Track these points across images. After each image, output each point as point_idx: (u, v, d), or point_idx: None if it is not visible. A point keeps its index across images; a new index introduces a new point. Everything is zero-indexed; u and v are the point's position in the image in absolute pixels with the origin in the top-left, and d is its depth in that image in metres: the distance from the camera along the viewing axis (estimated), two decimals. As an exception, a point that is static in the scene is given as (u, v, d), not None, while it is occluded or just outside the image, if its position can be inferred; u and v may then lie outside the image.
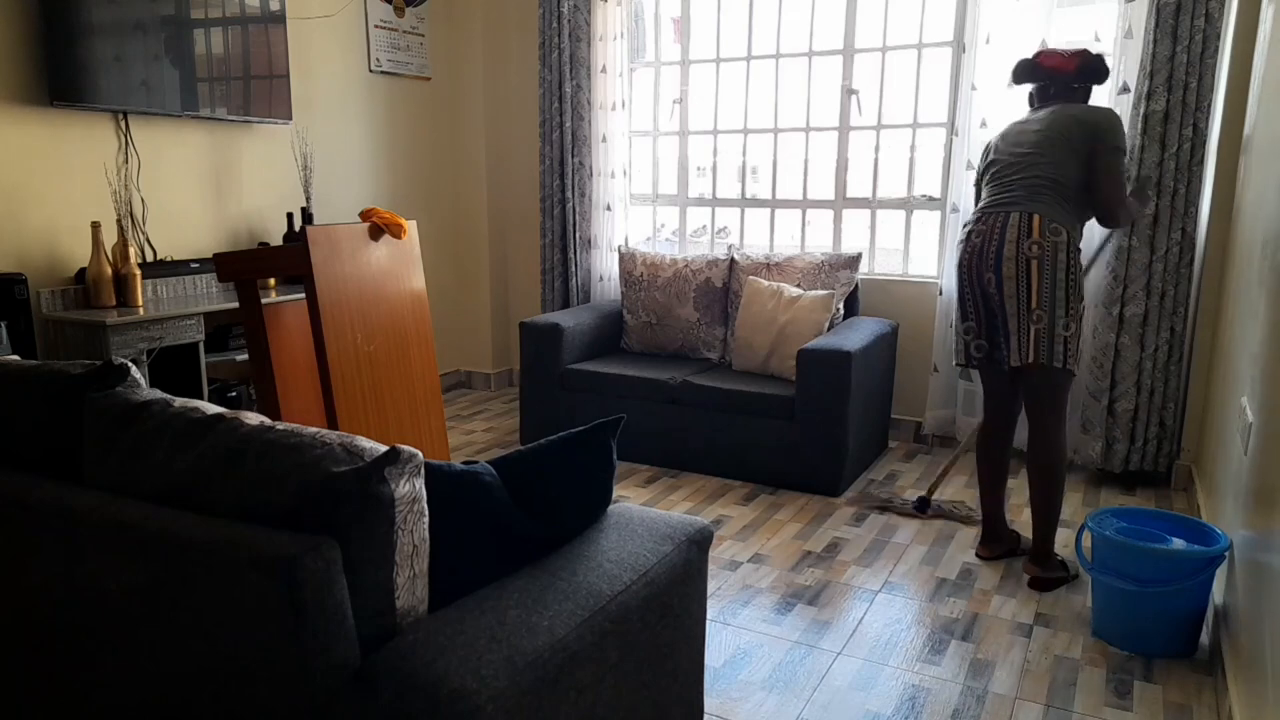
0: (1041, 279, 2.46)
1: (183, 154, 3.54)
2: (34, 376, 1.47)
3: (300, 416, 2.84)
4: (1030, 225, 2.49)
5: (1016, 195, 2.55)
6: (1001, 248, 2.52)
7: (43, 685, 1.34)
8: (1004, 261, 2.51)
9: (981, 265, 2.57)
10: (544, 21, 4.42)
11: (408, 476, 1.14)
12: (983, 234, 2.57)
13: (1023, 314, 2.50)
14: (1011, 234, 2.50)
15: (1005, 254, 2.51)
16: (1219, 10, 3.14)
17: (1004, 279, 2.52)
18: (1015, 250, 2.49)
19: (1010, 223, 2.51)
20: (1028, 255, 2.47)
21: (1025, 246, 2.48)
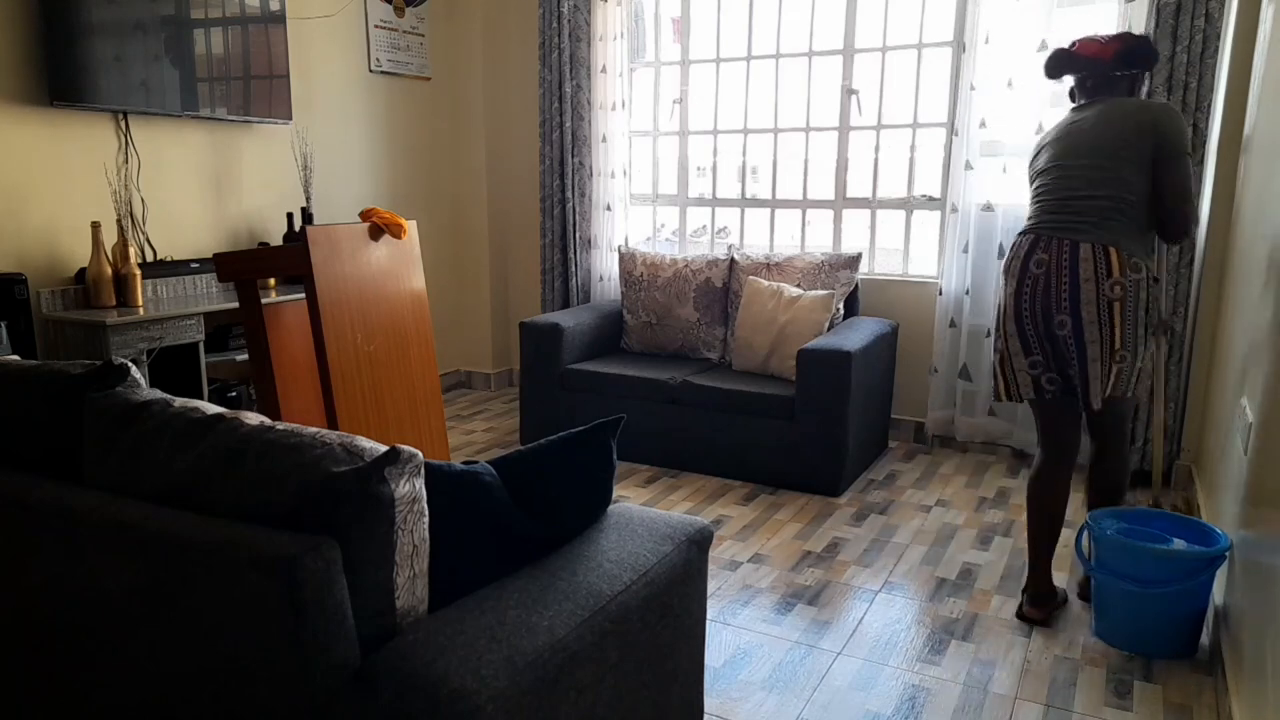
0: (1124, 321, 2.22)
1: (183, 154, 3.54)
2: (34, 376, 1.47)
3: (300, 416, 2.84)
4: (1109, 262, 2.21)
5: (1085, 221, 2.27)
6: (1077, 289, 2.23)
7: (43, 685, 1.34)
8: (1083, 306, 2.23)
9: (1051, 305, 2.29)
10: (544, 21, 4.42)
11: (408, 476, 1.14)
12: (1046, 265, 2.28)
13: (1105, 356, 2.26)
14: (1087, 270, 2.22)
15: (1084, 297, 2.23)
16: (1219, 10, 3.14)
17: (1084, 324, 2.25)
18: (1095, 293, 2.22)
19: (1082, 256, 2.23)
20: (1109, 298, 2.21)
21: (1106, 288, 2.21)
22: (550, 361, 3.87)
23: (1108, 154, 2.28)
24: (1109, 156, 2.27)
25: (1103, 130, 2.30)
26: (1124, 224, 2.24)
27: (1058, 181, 2.35)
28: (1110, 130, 2.29)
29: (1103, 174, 2.27)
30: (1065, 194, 2.32)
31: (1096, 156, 2.29)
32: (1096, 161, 2.29)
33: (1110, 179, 2.26)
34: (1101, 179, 2.27)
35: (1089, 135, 2.32)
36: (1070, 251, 2.25)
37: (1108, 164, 2.27)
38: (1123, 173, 2.25)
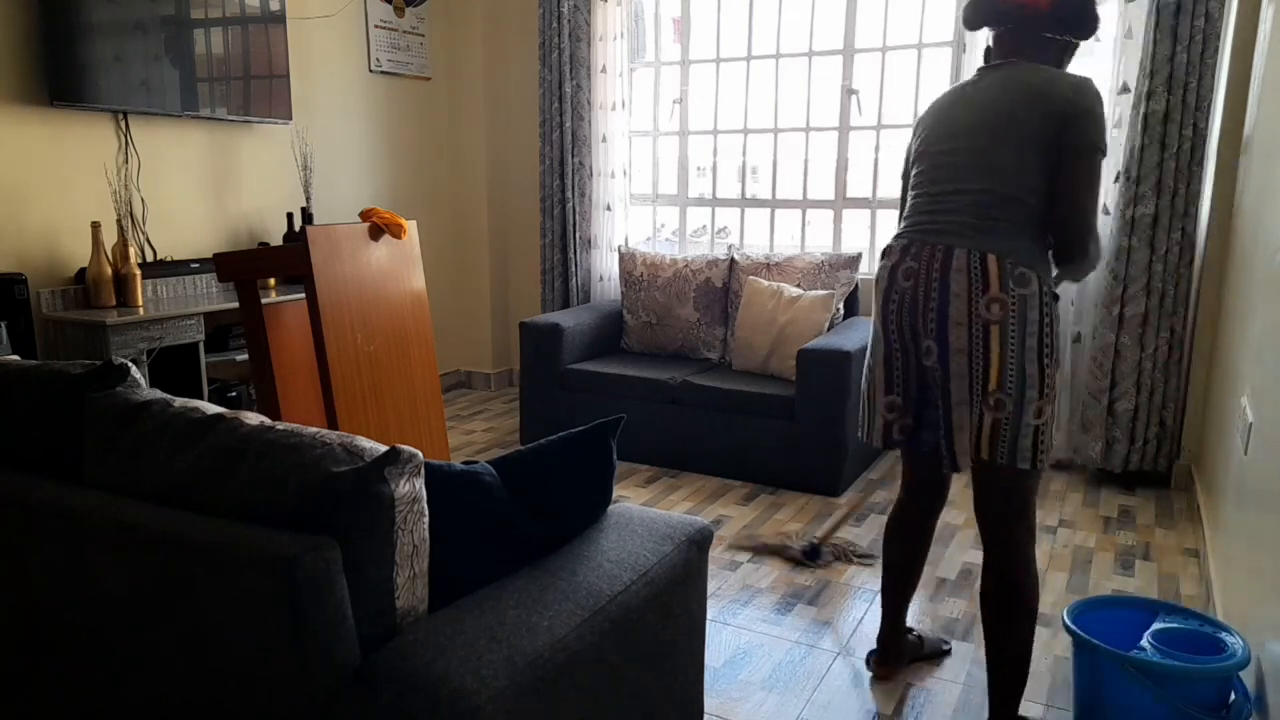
0: (1005, 350, 1.71)
1: (183, 154, 3.54)
2: (34, 376, 1.47)
3: (300, 416, 2.84)
4: (985, 273, 1.72)
5: (959, 220, 1.77)
6: (945, 305, 1.75)
7: (43, 685, 1.34)
8: (951, 326, 1.75)
9: (917, 324, 1.81)
10: (544, 21, 4.42)
11: (408, 476, 1.14)
12: (915, 276, 1.80)
13: (976, 399, 1.75)
14: (959, 283, 1.73)
15: (953, 316, 1.74)
16: (1219, 10, 3.14)
17: (952, 352, 1.75)
18: (967, 311, 1.73)
19: (955, 265, 1.74)
20: (985, 318, 1.71)
21: (981, 306, 1.71)
22: (550, 361, 3.87)
23: (993, 133, 1.76)
24: (995, 136, 1.76)
25: (993, 102, 1.78)
26: (1010, 226, 1.74)
27: (933, 170, 1.85)
28: (1003, 102, 1.76)
29: (986, 159, 1.77)
30: (940, 187, 1.82)
31: (978, 138, 1.78)
32: (977, 144, 1.78)
33: (994, 166, 1.76)
34: (984, 166, 1.77)
35: (975, 110, 1.80)
36: (942, 260, 1.75)
37: (992, 147, 1.76)
38: (1012, 158, 1.75)
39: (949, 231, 1.78)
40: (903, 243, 1.85)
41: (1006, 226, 1.74)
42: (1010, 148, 1.75)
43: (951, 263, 1.75)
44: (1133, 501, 3.35)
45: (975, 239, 1.75)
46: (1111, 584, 2.65)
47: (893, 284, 1.85)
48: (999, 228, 1.75)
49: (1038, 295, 1.72)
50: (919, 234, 1.82)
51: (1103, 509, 3.27)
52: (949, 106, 1.88)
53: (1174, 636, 1.84)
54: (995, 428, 1.74)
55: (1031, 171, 1.74)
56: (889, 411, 1.92)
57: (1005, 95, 1.77)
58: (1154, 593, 2.60)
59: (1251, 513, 2.01)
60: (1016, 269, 1.71)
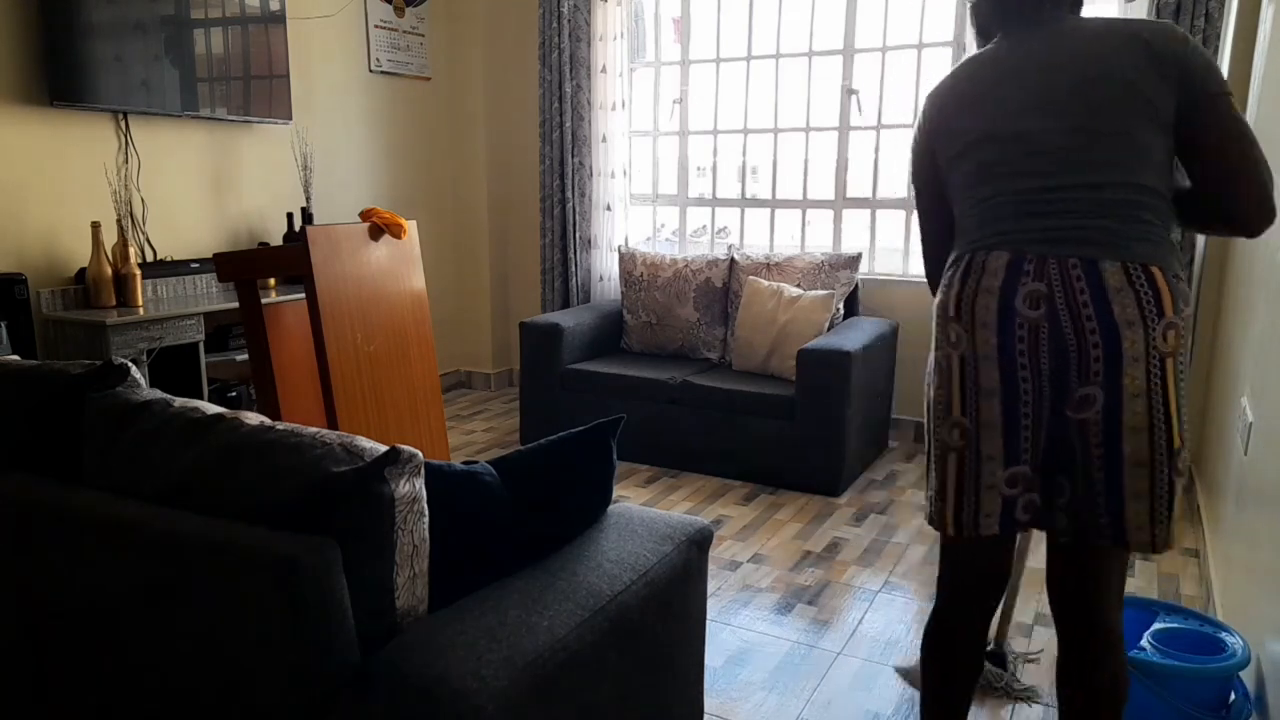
0: (1179, 392, 1.36)
1: (183, 154, 3.54)
2: (34, 376, 1.47)
3: (300, 416, 2.84)
4: (1157, 292, 1.33)
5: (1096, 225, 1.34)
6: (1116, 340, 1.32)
7: (43, 685, 1.34)
8: (1127, 365, 1.32)
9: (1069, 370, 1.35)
10: (544, 21, 4.42)
11: (408, 476, 1.14)
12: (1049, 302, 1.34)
13: (1161, 458, 1.36)
14: (1127, 309, 1.32)
15: (1127, 351, 1.32)
16: (1219, 10, 3.14)
17: (1126, 398, 1.33)
18: (1145, 345, 1.32)
19: (1112, 284, 1.33)
20: (1162, 351, 1.33)
21: (1158, 335, 1.33)
22: (550, 361, 3.87)
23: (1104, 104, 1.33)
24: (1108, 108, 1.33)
25: (1082, 66, 1.35)
26: (1160, 226, 1.36)
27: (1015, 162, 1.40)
28: (1095, 63, 1.34)
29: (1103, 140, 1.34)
30: (1040, 182, 1.38)
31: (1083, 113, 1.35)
32: (1082, 123, 1.35)
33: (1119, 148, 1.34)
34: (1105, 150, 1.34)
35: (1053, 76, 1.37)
36: (1087, 277, 1.32)
37: (1107, 122, 1.34)
38: (1136, 134, 1.33)
39: (1085, 240, 1.33)
40: (1005, 257, 1.37)
41: (1157, 228, 1.35)
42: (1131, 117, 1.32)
43: (1103, 280, 1.31)
44: (1133, 501, 3.34)
45: (1127, 247, 1.33)
46: (1111, 584, 2.65)
47: (1009, 315, 1.35)
48: (1150, 230, 1.35)
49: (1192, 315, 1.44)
50: (1029, 244, 1.36)
51: (1103, 509, 3.26)
52: (993, 83, 1.42)
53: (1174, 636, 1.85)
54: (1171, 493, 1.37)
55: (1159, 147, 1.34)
56: (1011, 486, 1.41)
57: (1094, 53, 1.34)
58: (1154, 593, 2.60)
59: (1251, 513, 2.01)
60: (1180, 283, 1.36)
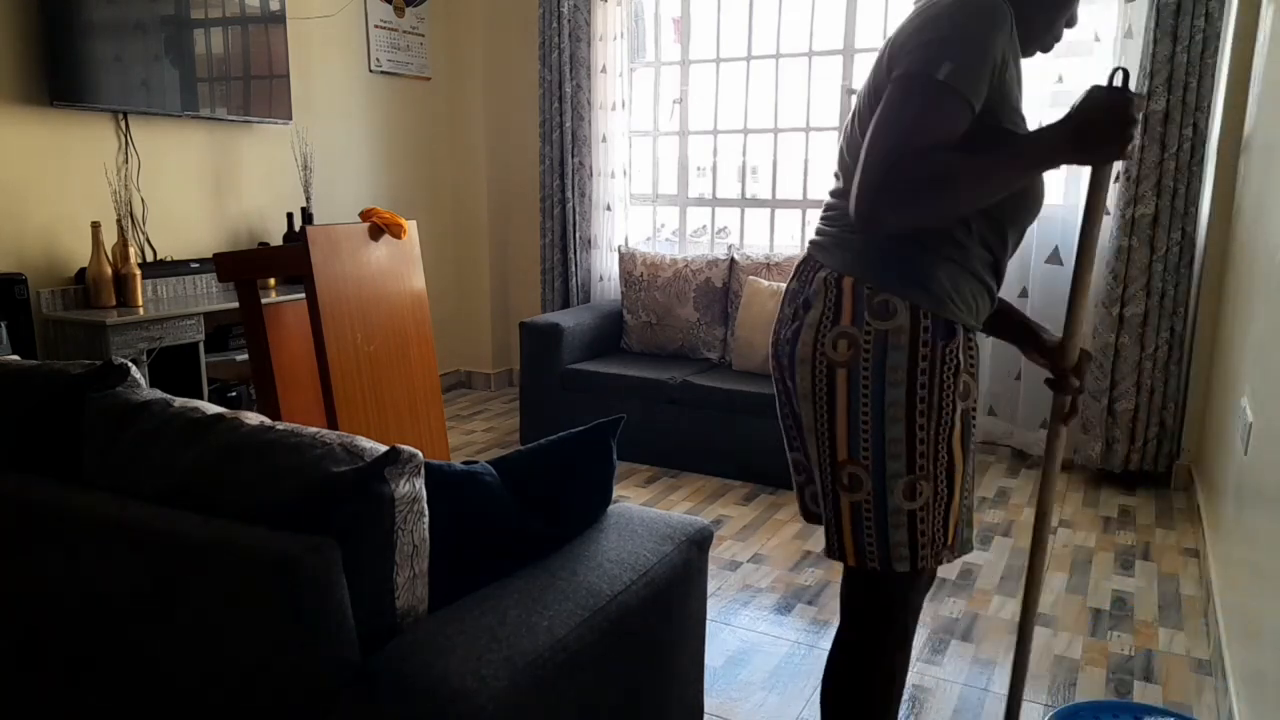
0: (852, 407, 1.28)
1: (183, 154, 3.54)
2: (34, 376, 1.47)
3: (300, 416, 2.84)
4: (839, 299, 1.30)
5: (831, 230, 1.37)
6: (797, 338, 1.34)
7: (43, 686, 1.34)
8: (797, 365, 1.33)
9: (778, 359, 1.42)
10: (544, 21, 4.42)
11: (408, 476, 1.14)
12: (794, 300, 1.40)
13: (826, 468, 1.33)
14: (814, 315, 1.32)
15: (799, 353, 1.33)
16: (1219, 10, 3.14)
17: (799, 397, 1.35)
18: (812, 349, 1.31)
19: (815, 289, 1.33)
20: (830, 359, 1.29)
21: (826, 343, 1.30)
22: (550, 361, 3.87)
23: (862, 116, 1.29)
24: (861, 120, 1.29)
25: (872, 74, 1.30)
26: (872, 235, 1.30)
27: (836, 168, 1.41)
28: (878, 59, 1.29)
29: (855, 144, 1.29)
30: (832, 188, 1.42)
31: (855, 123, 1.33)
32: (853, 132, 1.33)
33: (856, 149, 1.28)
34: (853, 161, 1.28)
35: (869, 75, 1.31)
36: (811, 281, 1.36)
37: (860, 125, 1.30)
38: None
39: (824, 246, 1.37)
40: (800, 258, 1.48)
41: (869, 238, 1.30)
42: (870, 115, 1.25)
43: (814, 285, 1.34)
44: (1133, 501, 3.34)
45: (835, 255, 1.33)
46: (1111, 584, 2.65)
47: (780, 313, 1.43)
48: (860, 240, 1.31)
49: (908, 329, 1.25)
50: (810, 248, 1.41)
51: (1103, 509, 3.27)
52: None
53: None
54: (853, 515, 1.30)
55: None
56: (796, 473, 1.49)
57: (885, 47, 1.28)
58: (1154, 592, 2.60)
59: (1251, 513, 2.01)
60: (878, 295, 1.26)
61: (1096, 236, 1.40)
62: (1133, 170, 3.30)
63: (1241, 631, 1.94)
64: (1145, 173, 3.28)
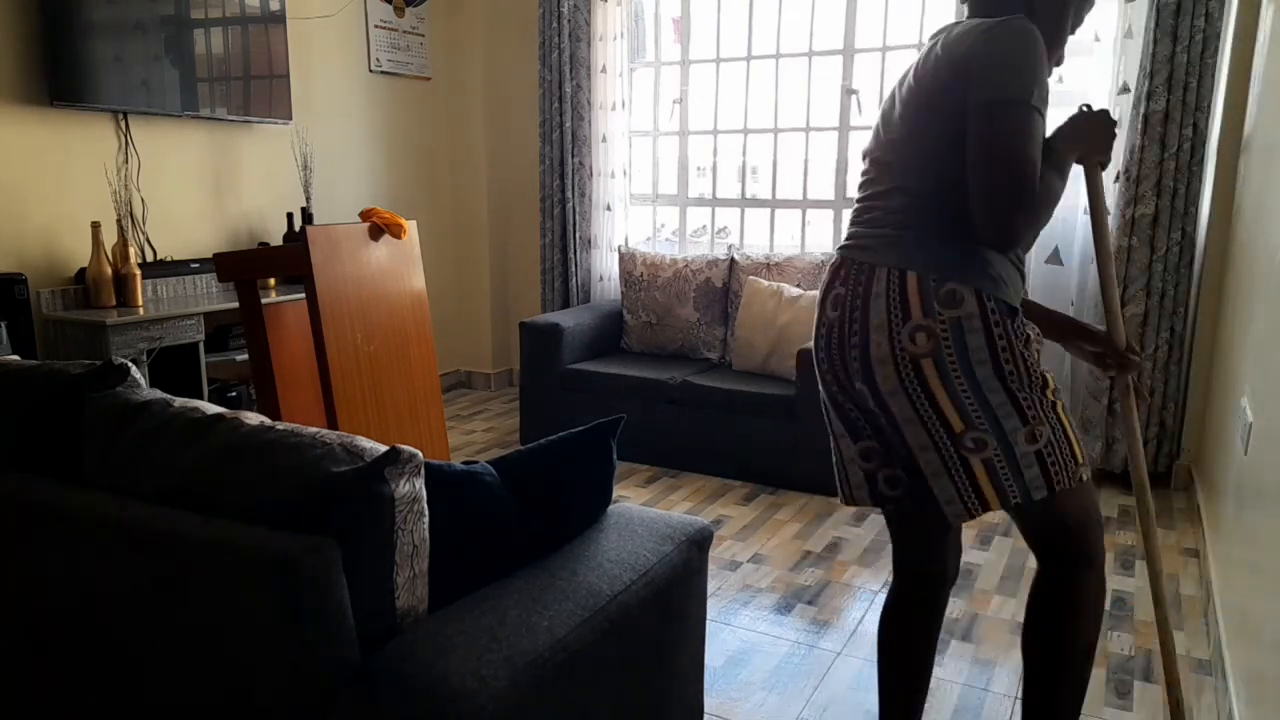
0: (949, 387, 1.41)
1: (183, 154, 3.54)
2: (34, 376, 1.47)
3: (300, 416, 2.84)
4: (904, 295, 1.41)
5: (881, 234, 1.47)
6: (867, 341, 1.44)
7: (42, 686, 1.34)
8: (876, 368, 1.44)
9: (846, 364, 1.49)
10: (544, 21, 4.42)
11: (408, 476, 1.14)
12: (843, 305, 1.49)
13: (942, 443, 1.44)
14: (878, 312, 1.43)
15: (874, 355, 1.44)
16: (1219, 10, 3.14)
17: (885, 395, 1.45)
18: (890, 348, 1.42)
19: (874, 290, 1.44)
20: (911, 353, 1.41)
21: (904, 338, 1.41)
22: (550, 361, 3.87)
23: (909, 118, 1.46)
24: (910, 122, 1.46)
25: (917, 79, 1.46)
26: (925, 230, 1.43)
27: (868, 170, 1.56)
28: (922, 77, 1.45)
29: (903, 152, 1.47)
30: (869, 191, 1.54)
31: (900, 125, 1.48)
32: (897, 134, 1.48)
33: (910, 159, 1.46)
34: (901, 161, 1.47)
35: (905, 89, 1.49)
36: (865, 283, 1.46)
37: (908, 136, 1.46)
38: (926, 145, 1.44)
39: (872, 246, 1.47)
40: (834, 262, 1.54)
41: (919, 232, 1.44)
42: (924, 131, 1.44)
43: (873, 286, 1.44)
44: (1133, 501, 3.34)
45: (892, 253, 1.44)
46: (1111, 584, 2.65)
47: (821, 314, 1.53)
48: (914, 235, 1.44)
49: (978, 312, 1.39)
50: (850, 250, 1.51)
51: (1103, 509, 3.27)
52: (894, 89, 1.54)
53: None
54: (989, 470, 1.43)
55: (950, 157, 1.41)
56: (866, 460, 1.58)
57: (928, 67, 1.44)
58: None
59: (1251, 513, 2.01)
60: (944, 286, 1.40)
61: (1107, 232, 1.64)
62: (1133, 170, 3.30)
63: (1241, 631, 1.93)
64: (1145, 173, 3.28)
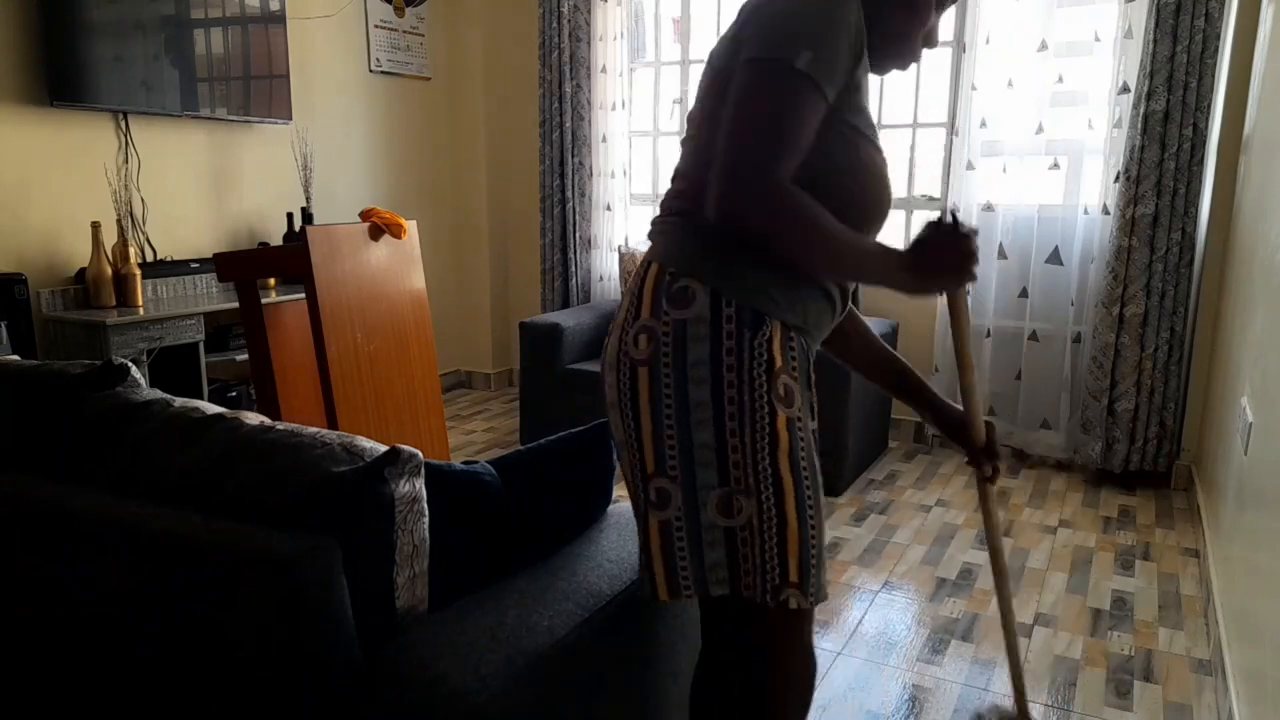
0: (655, 408, 1.13)
1: (183, 154, 3.54)
2: (34, 376, 1.47)
3: (300, 416, 2.84)
4: (641, 290, 1.18)
5: (656, 222, 1.26)
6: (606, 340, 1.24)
7: (41, 685, 1.34)
8: (604, 372, 1.22)
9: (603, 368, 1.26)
10: (544, 21, 4.42)
11: (408, 476, 1.14)
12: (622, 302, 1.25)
13: (636, 489, 1.19)
14: (620, 313, 1.22)
15: (606, 359, 1.22)
16: (1219, 10, 3.14)
17: (608, 407, 1.22)
18: (616, 351, 1.19)
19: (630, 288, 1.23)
20: (631, 358, 1.16)
21: (628, 341, 1.17)
22: (550, 361, 3.87)
23: (698, 99, 1.22)
24: (698, 103, 1.22)
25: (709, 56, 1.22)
26: (685, 219, 1.19)
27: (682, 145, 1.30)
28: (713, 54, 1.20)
29: (689, 135, 1.23)
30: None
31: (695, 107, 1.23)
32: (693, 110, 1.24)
33: (689, 142, 1.23)
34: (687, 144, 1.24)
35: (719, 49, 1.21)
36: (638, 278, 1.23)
37: (694, 117, 1.22)
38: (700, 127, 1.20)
39: (650, 236, 1.26)
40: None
41: (683, 221, 1.18)
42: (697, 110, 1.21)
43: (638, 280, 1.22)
44: (1133, 501, 3.35)
45: (655, 244, 1.22)
46: (1111, 583, 2.65)
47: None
48: (675, 225, 1.19)
49: (707, 321, 1.10)
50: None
51: (1103, 509, 3.27)
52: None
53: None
54: (664, 536, 1.14)
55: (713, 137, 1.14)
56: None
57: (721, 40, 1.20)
58: (1154, 592, 2.60)
59: (1251, 513, 2.01)
60: (679, 281, 1.13)
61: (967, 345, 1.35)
62: (1133, 170, 3.30)
63: (1241, 631, 1.94)
64: (1145, 173, 3.28)
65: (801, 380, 1.16)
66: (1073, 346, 3.61)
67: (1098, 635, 2.36)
